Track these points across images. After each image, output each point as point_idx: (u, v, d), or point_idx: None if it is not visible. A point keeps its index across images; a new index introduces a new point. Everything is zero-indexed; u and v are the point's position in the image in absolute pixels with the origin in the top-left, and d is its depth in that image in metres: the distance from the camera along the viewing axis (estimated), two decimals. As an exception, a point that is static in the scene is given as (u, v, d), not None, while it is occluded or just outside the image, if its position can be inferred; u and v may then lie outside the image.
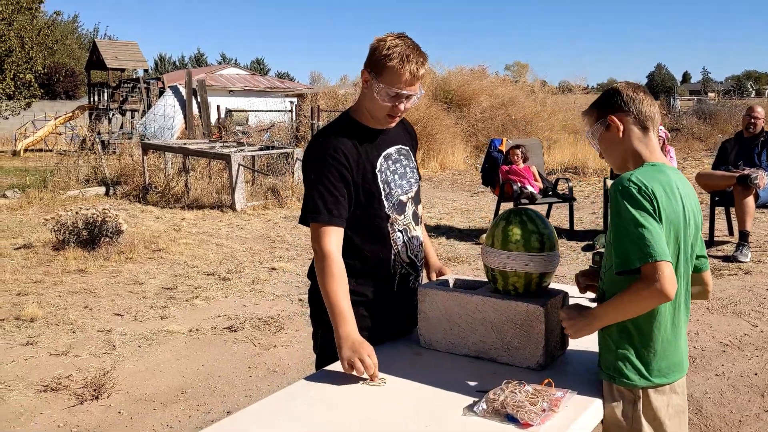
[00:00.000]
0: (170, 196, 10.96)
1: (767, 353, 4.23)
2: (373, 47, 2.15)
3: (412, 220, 2.32)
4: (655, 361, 1.88)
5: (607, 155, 2.02)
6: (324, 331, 2.31)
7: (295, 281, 6.27)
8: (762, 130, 7.03)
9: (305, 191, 2.19)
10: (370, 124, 2.24)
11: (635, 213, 1.77)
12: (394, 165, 2.28)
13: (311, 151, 2.20)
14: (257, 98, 27.57)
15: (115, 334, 4.91)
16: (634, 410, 1.89)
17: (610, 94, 2.00)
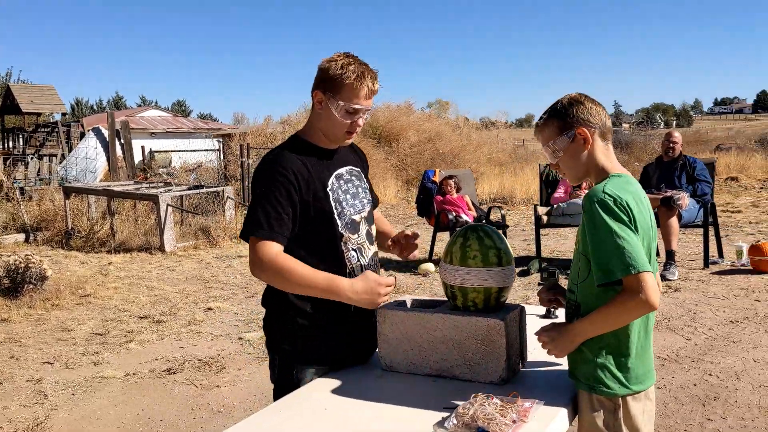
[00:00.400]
0: (95, 240, 10.58)
1: (703, 365, 4.38)
2: (325, 68, 2.15)
3: (366, 239, 2.31)
4: (633, 369, 1.90)
5: (567, 167, 2.00)
6: (281, 358, 2.26)
7: (233, 320, 6.12)
8: (680, 154, 7.37)
9: (250, 206, 2.15)
10: (321, 144, 2.24)
11: (614, 225, 1.78)
12: (345, 185, 2.27)
13: (260, 169, 2.17)
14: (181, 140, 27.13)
15: (45, 382, 4.66)
16: (615, 419, 1.90)
17: (572, 105, 1.96)
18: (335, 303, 2.20)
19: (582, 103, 1.96)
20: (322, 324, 2.21)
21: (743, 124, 67.92)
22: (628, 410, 1.90)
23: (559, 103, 1.99)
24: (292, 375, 2.21)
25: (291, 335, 2.22)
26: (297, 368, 2.21)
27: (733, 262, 7.17)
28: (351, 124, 2.18)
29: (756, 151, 19.98)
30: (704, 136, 28.50)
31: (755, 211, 11.44)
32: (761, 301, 5.80)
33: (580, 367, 1.95)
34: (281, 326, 2.24)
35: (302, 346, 2.21)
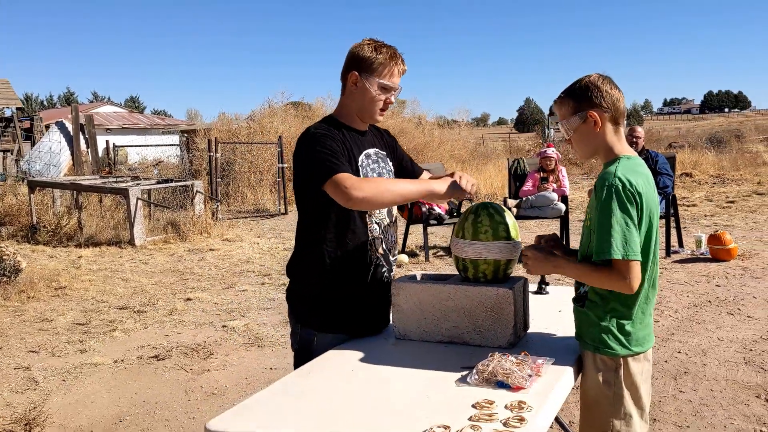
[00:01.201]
0: (62, 234, 10.48)
1: (672, 344, 4.65)
2: (357, 51, 2.35)
3: (387, 216, 2.47)
4: (634, 332, 2.08)
5: (578, 145, 2.15)
6: (303, 326, 2.40)
7: (213, 310, 6.20)
8: (643, 148, 7.70)
9: (309, 163, 2.25)
10: (354, 124, 2.41)
11: (619, 211, 1.95)
12: (373, 164, 2.43)
13: (305, 138, 2.31)
14: (137, 136, 26.83)
15: (34, 370, 4.70)
16: (616, 377, 2.08)
17: (588, 88, 2.08)
18: (354, 267, 2.36)
19: (598, 86, 2.07)
20: (342, 295, 2.36)
21: (692, 123, 69.96)
22: (629, 369, 2.09)
23: (577, 83, 2.11)
24: (312, 342, 2.36)
25: (313, 305, 2.37)
26: (317, 336, 2.36)
27: (692, 251, 7.52)
28: (384, 101, 2.37)
29: (707, 149, 20.72)
30: (656, 135, 29.36)
31: (709, 204, 11.93)
32: (721, 286, 6.13)
33: (587, 329, 2.13)
34: (304, 296, 2.39)
35: (323, 315, 2.36)
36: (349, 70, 2.36)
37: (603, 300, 2.08)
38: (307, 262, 2.37)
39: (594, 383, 2.11)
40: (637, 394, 2.10)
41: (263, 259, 8.64)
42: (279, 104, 18.73)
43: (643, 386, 2.13)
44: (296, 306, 2.43)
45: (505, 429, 1.64)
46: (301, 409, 1.83)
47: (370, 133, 2.50)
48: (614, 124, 2.11)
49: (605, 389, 2.09)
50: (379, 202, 2.22)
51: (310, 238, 2.35)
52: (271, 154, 15.47)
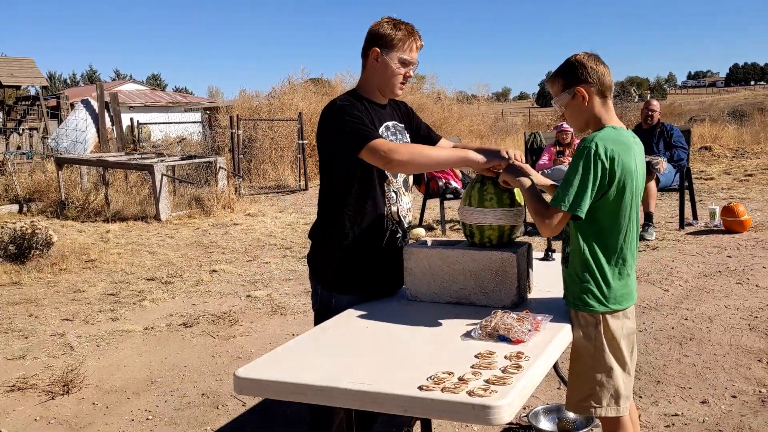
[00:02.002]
0: (90, 210, 10.79)
1: (679, 312, 4.80)
2: (377, 29, 2.53)
3: (403, 185, 2.65)
4: (612, 291, 2.27)
5: (570, 119, 2.36)
6: (323, 287, 2.59)
7: (238, 281, 6.44)
8: (658, 122, 7.78)
9: (337, 134, 2.43)
10: (375, 98, 2.59)
11: (581, 168, 2.15)
12: (392, 136, 2.60)
13: (330, 110, 2.50)
14: (159, 113, 27.10)
15: (69, 336, 4.97)
16: (596, 332, 2.27)
17: (575, 66, 2.26)
18: (370, 232, 2.54)
19: (583, 63, 2.25)
20: (359, 259, 2.55)
21: (716, 97, 68.92)
22: (608, 326, 2.27)
23: (565, 62, 2.31)
24: (332, 302, 2.56)
25: (332, 268, 2.56)
26: (336, 296, 2.55)
27: (706, 223, 7.62)
28: (404, 75, 2.54)
29: (728, 123, 20.55)
30: (678, 109, 29.10)
31: (727, 178, 11.93)
32: (732, 257, 6.25)
33: (570, 288, 2.32)
34: (324, 259, 2.58)
35: (341, 277, 2.55)
36: (369, 46, 2.53)
37: (583, 260, 2.26)
38: (329, 228, 2.56)
39: (577, 338, 2.29)
40: (617, 349, 2.28)
41: (285, 233, 8.86)
42: (299, 81, 18.90)
43: (624, 341, 2.30)
44: (317, 268, 2.62)
45: (503, 375, 1.82)
46: (321, 359, 2.03)
47: (389, 107, 2.67)
48: (601, 97, 2.28)
49: (587, 344, 2.27)
50: (417, 164, 2.44)
51: (332, 205, 2.53)
52: (292, 130, 15.65)
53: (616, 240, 2.26)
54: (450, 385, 1.76)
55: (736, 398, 3.47)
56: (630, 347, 2.35)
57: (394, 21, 2.54)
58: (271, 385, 1.91)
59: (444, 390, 1.74)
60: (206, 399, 3.85)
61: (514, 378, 1.80)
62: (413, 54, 2.54)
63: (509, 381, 1.78)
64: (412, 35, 2.52)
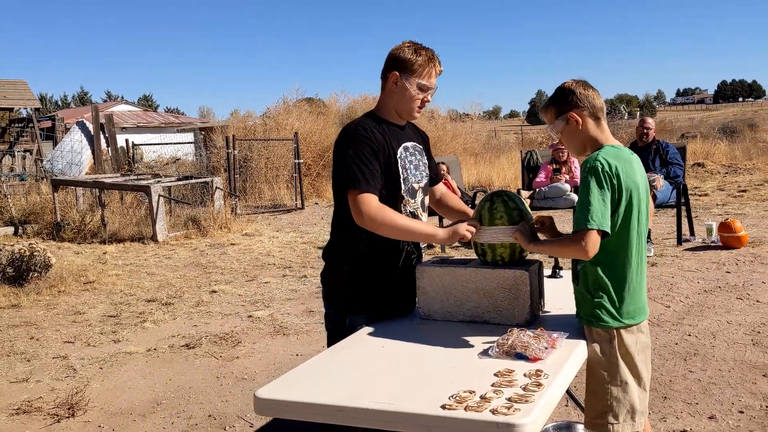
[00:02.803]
0: (86, 231, 10.75)
1: (682, 327, 4.82)
2: (397, 53, 2.55)
3: (420, 206, 2.68)
4: (624, 306, 2.29)
5: (568, 144, 2.45)
6: (336, 308, 2.60)
7: (238, 301, 6.43)
8: (654, 139, 7.85)
9: (342, 167, 2.47)
10: (393, 120, 2.62)
11: (595, 188, 2.19)
12: (410, 156, 2.64)
13: (345, 135, 2.53)
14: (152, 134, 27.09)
15: (72, 359, 4.94)
16: (610, 347, 2.29)
17: (565, 94, 2.36)
18: (386, 254, 2.56)
19: (572, 90, 2.35)
20: (374, 279, 2.56)
21: (705, 114, 69.49)
22: (622, 340, 2.29)
23: (556, 91, 2.40)
24: (345, 322, 2.56)
25: (346, 287, 2.57)
26: (350, 317, 2.56)
27: (703, 239, 7.67)
28: (422, 99, 2.56)
29: (719, 139, 20.74)
30: (668, 126, 29.28)
31: (721, 194, 12.03)
32: (731, 272, 6.29)
33: (583, 306, 2.35)
34: (339, 279, 2.59)
35: (355, 297, 2.56)
36: (389, 70, 2.56)
37: (594, 276, 2.29)
38: (343, 248, 2.58)
39: (592, 354, 2.31)
40: (632, 363, 2.30)
41: (283, 253, 8.86)
42: (293, 100, 18.97)
43: (638, 356, 2.32)
44: (331, 288, 2.63)
45: (525, 392, 1.83)
46: (340, 378, 2.04)
47: (409, 128, 2.71)
48: (594, 119, 2.36)
49: (601, 359, 2.29)
50: (383, 233, 2.45)
51: (346, 225, 2.53)
52: (287, 150, 15.69)
53: (627, 254, 2.29)
54: (473, 404, 1.77)
55: (744, 413, 3.48)
56: (644, 361, 2.37)
57: (415, 46, 2.56)
58: (291, 406, 1.92)
59: (467, 409, 1.75)
60: (213, 420, 3.83)
61: (536, 395, 1.81)
62: (432, 80, 2.56)
63: (531, 399, 1.79)
64: (432, 61, 2.54)
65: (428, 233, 2.51)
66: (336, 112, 18.65)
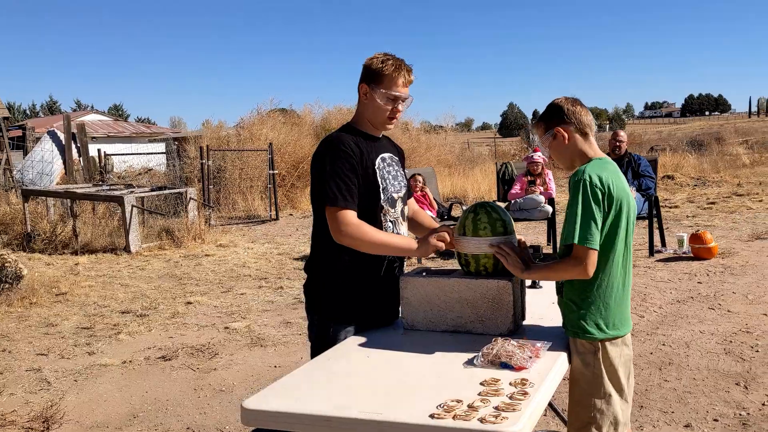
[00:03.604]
0: (57, 242, 10.59)
1: (656, 337, 4.90)
2: (368, 64, 2.56)
3: (400, 215, 2.69)
4: (610, 318, 2.33)
5: (557, 158, 2.50)
6: (320, 319, 2.61)
7: (214, 313, 6.39)
8: (626, 152, 7.98)
9: (320, 183, 2.49)
10: (368, 130, 2.63)
11: (586, 202, 2.23)
12: (388, 167, 2.65)
13: (324, 149, 2.54)
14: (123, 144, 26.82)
15: (46, 371, 4.87)
16: (595, 359, 2.33)
17: (554, 110, 2.44)
18: (368, 263, 2.56)
19: (560, 106, 2.42)
20: (357, 289, 2.57)
21: (673, 127, 70.77)
22: (607, 353, 2.33)
23: (546, 107, 2.48)
24: (329, 333, 2.57)
25: (329, 298, 2.58)
26: (333, 327, 2.57)
27: (675, 250, 7.80)
28: (392, 110, 2.57)
29: (688, 152, 21.12)
30: (637, 139, 29.79)
31: (691, 206, 12.25)
32: (702, 283, 6.40)
33: (569, 317, 2.38)
34: (322, 290, 2.60)
35: (339, 307, 2.57)
36: (361, 81, 2.58)
37: (581, 287, 2.32)
38: (325, 259, 2.58)
39: (576, 365, 2.35)
40: (615, 376, 2.34)
41: (258, 264, 8.82)
42: (266, 111, 18.91)
43: (622, 369, 2.36)
44: (314, 299, 2.64)
45: (511, 401, 1.85)
46: (328, 389, 2.04)
47: (386, 140, 2.73)
48: (581, 134, 2.42)
49: (585, 371, 2.32)
50: (360, 248, 2.48)
51: (326, 237, 2.53)
52: (262, 160, 15.64)
53: (614, 264, 2.32)
54: (461, 413, 1.78)
55: (718, 421, 3.55)
56: (627, 374, 2.41)
57: (384, 56, 2.56)
58: (279, 416, 1.91)
59: (455, 418, 1.76)
60: (191, 433, 3.79)
61: (522, 404, 1.83)
62: (401, 89, 2.55)
63: (518, 407, 1.81)
64: (399, 70, 2.53)
65: (405, 247, 2.54)
66: (311, 123, 18.64)
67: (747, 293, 5.94)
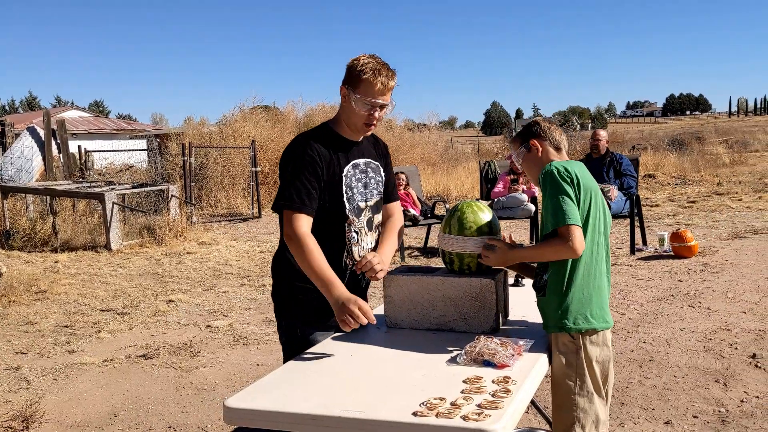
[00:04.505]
0: (37, 239, 10.48)
1: (637, 335, 4.94)
2: (349, 66, 2.46)
3: (366, 225, 2.60)
4: (590, 308, 2.36)
5: (529, 171, 2.61)
6: (287, 320, 2.57)
7: (196, 311, 6.35)
8: (608, 151, 8.03)
9: (281, 183, 2.46)
10: (346, 135, 2.54)
11: (556, 189, 2.31)
12: (360, 174, 2.56)
13: (291, 149, 2.48)
14: (104, 141, 26.60)
15: (25, 370, 4.81)
16: (576, 358, 2.35)
17: (530, 126, 2.59)
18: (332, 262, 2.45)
19: (537, 123, 2.58)
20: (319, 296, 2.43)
21: (654, 126, 71.34)
22: (587, 352, 2.35)
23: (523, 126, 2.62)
24: (296, 334, 2.53)
25: (293, 302, 2.55)
26: (301, 329, 2.53)
27: (656, 249, 7.86)
28: (368, 116, 2.45)
29: (669, 151, 21.31)
30: (619, 138, 29.98)
31: (672, 205, 12.36)
32: (683, 281, 6.46)
33: (549, 314, 2.39)
34: (285, 293, 2.57)
35: (303, 311, 2.54)
36: (342, 83, 2.48)
37: (561, 282, 2.34)
38: (287, 263, 2.52)
39: (558, 365, 2.36)
40: (595, 375, 2.37)
41: (241, 262, 8.78)
42: (249, 108, 18.82)
43: (598, 367, 2.38)
44: (278, 301, 2.60)
45: (494, 399, 1.86)
46: (311, 386, 2.04)
47: (366, 142, 2.62)
48: (555, 149, 2.54)
49: (567, 370, 2.34)
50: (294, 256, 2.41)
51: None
52: (244, 158, 15.57)
53: (594, 251, 2.37)
54: (444, 411, 1.79)
55: (698, 418, 3.58)
56: (604, 373, 2.43)
57: (366, 59, 2.44)
58: (262, 415, 1.91)
59: (438, 415, 1.77)
60: (173, 431, 3.77)
61: (505, 402, 1.84)
62: (378, 96, 2.42)
63: (501, 405, 1.82)
64: (378, 76, 2.40)
65: (325, 286, 2.34)
66: (294, 120, 18.59)
67: (726, 291, 6.01)
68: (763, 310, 5.42)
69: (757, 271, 6.72)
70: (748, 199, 12.44)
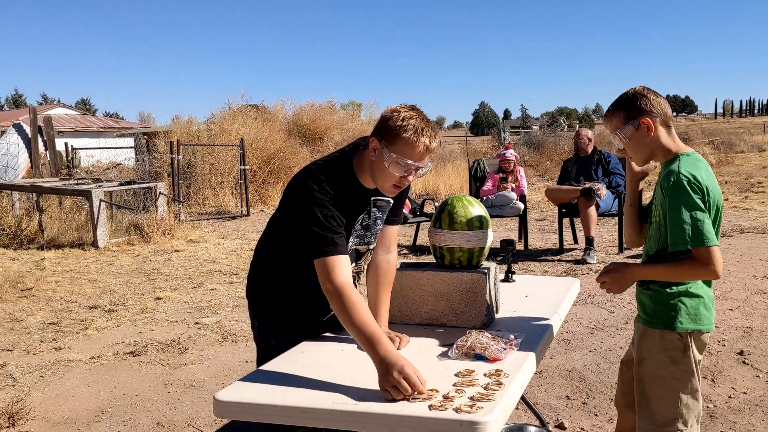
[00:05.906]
0: (22, 237, 10.40)
1: (626, 331, 4.96)
2: (386, 117, 2.17)
3: (363, 270, 2.51)
4: (701, 310, 2.28)
5: (634, 151, 2.31)
6: (260, 319, 2.50)
7: (184, 308, 6.31)
8: (595, 149, 8.06)
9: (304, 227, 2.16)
10: (364, 182, 2.28)
11: (689, 202, 2.11)
12: (364, 214, 2.36)
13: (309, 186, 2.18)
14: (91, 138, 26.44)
15: (11, 367, 4.77)
16: (684, 356, 2.26)
17: (636, 98, 2.26)
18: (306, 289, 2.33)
19: (645, 95, 2.25)
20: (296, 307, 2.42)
21: (642, 127, 71.51)
22: (694, 350, 2.26)
23: (624, 95, 2.30)
24: (270, 339, 2.46)
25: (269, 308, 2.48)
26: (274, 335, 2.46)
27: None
28: (401, 178, 2.18)
29: (656, 151, 21.40)
30: (607, 138, 30.10)
31: (659, 204, 12.42)
32: (670, 279, 6.49)
33: (655, 309, 2.30)
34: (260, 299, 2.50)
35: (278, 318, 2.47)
36: (374, 133, 2.20)
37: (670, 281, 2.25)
38: (265, 271, 2.44)
39: (662, 362, 2.27)
40: (698, 373, 2.30)
41: (229, 259, 8.75)
42: (237, 106, 18.77)
43: (700, 366, 2.32)
44: (254, 305, 2.52)
45: (486, 391, 1.86)
46: (302, 380, 2.03)
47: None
48: (665, 126, 2.28)
49: (672, 367, 2.26)
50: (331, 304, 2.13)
51: (272, 249, 2.41)
52: (232, 156, 15.51)
53: None
54: (436, 403, 1.78)
55: (686, 414, 3.59)
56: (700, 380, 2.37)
57: (408, 112, 2.15)
58: (253, 408, 1.89)
59: (431, 408, 1.76)
60: (161, 428, 3.75)
61: (497, 394, 1.84)
62: (415, 158, 2.15)
63: (493, 397, 1.81)
64: (419, 135, 2.12)
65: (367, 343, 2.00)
66: (282, 119, 18.55)
67: (714, 289, 6.03)
68: (750, 307, 5.46)
69: (743, 269, 6.77)
70: (735, 198, 12.53)
